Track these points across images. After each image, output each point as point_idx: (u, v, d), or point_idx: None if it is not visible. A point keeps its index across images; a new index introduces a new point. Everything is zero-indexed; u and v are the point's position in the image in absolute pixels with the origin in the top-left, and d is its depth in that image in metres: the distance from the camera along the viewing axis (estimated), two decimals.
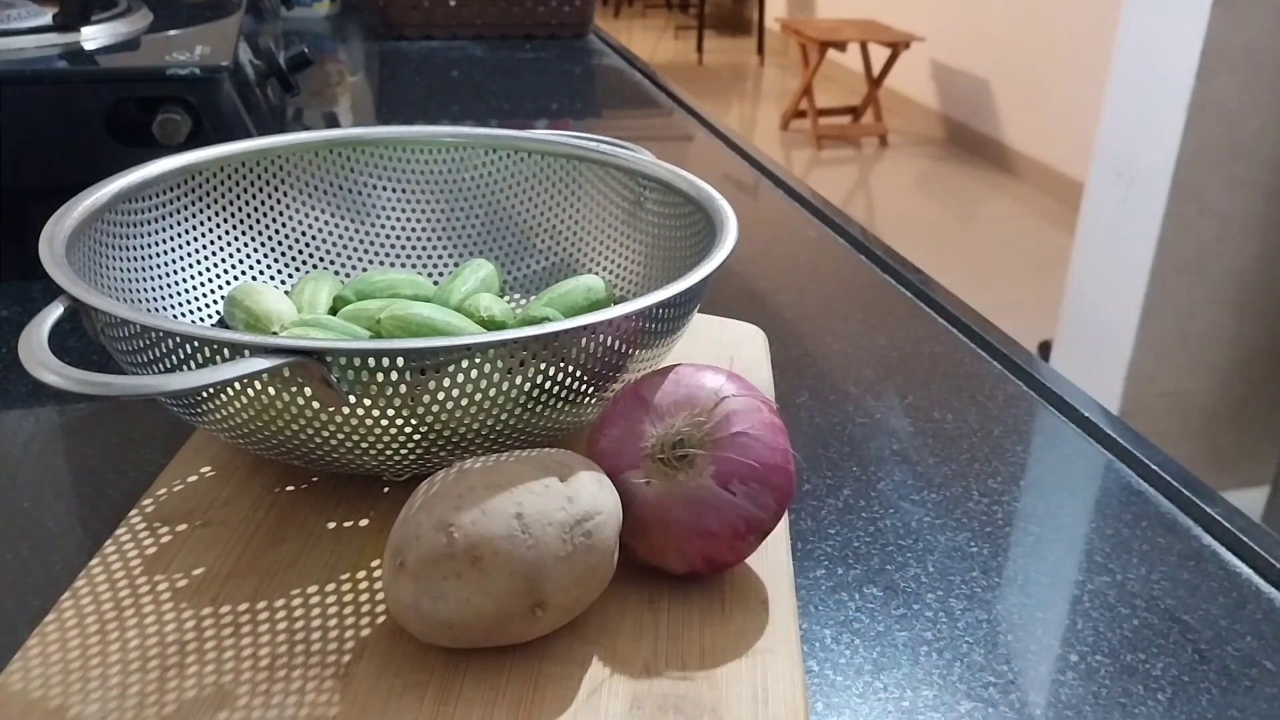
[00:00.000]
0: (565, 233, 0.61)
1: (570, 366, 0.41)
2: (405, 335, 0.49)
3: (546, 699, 0.35)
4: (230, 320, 0.53)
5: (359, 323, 0.51)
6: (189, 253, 0.56)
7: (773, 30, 6.03)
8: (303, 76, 1.19)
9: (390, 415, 0.39)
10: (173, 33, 0.78)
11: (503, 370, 0.39)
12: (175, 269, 0.55)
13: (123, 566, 0.40)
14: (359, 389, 0.38)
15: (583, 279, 0.55)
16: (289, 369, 0.38)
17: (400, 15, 1.41)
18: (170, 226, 0.55)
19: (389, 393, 0.39)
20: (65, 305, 0.41)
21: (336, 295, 0.55)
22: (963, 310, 0.70)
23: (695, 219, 0.54)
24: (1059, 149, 3.91)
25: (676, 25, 6.83)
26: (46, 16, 0.76)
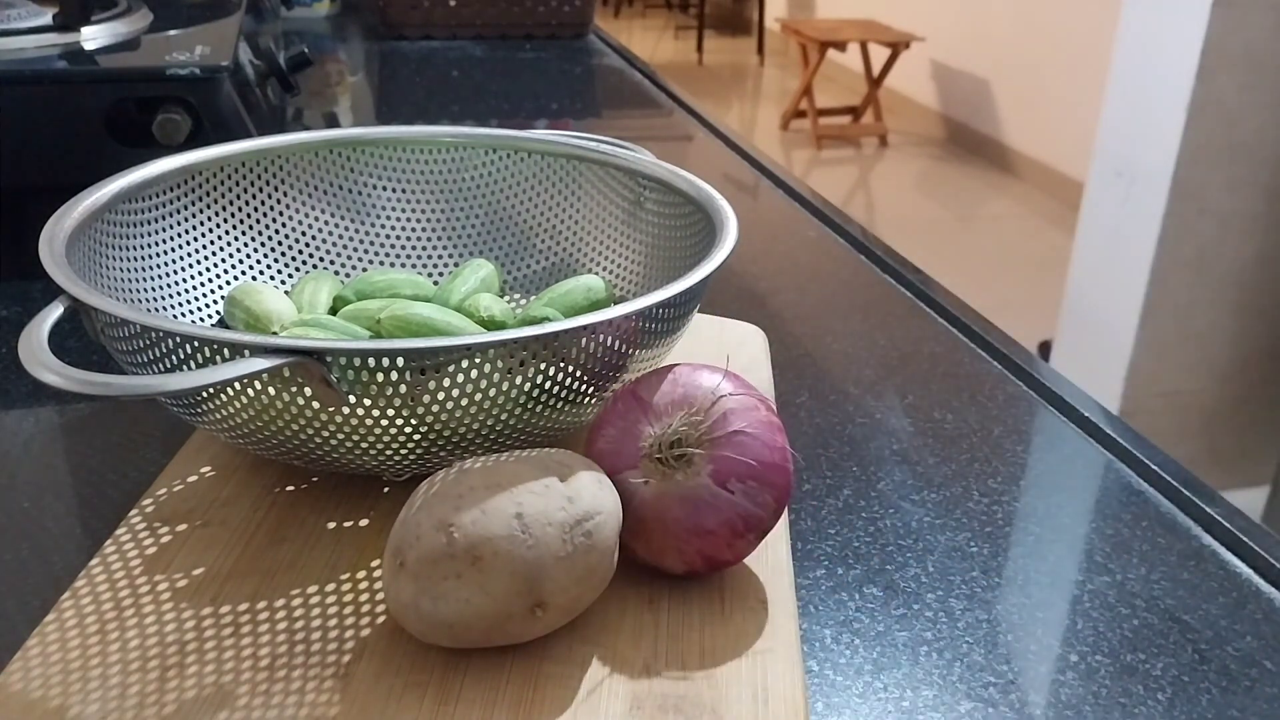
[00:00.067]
0: (565, 233, 0.61)
1: (570, 366, 0.41)
2: (405, 335, 0.49)
3: (546, 699, 0.35)
4: (230, 320, 0.53)
5: (359, 323, 0.51)
6: (189, 253, 0.56)
7: (773, 30, 6.03)
8: (303, 76, 1.19)
9: (390, 415, 0.39)
10: (173, 33, 0.78)
11: (503, 370, 0.39)
12: (175, 269, 0.55)
13: (123, 566, 0.40)
14: (359, 389, 0.38)
15: (583, 279, 0.55)
16: (289, 369, 0.38)
17: (400, 15, 1.41)
18: (170, 226, 0.55)
19: (389, 393, 0.39)
20: (65, 305, 0.41)
21: (336, 295, 0.55)
22: (963, 310, 0.70)
23: (695, 219, 0.54)
24: (1059, 149, 3.92)
25: (676, 25, 6.83)
26: (46, 16, 0.76)
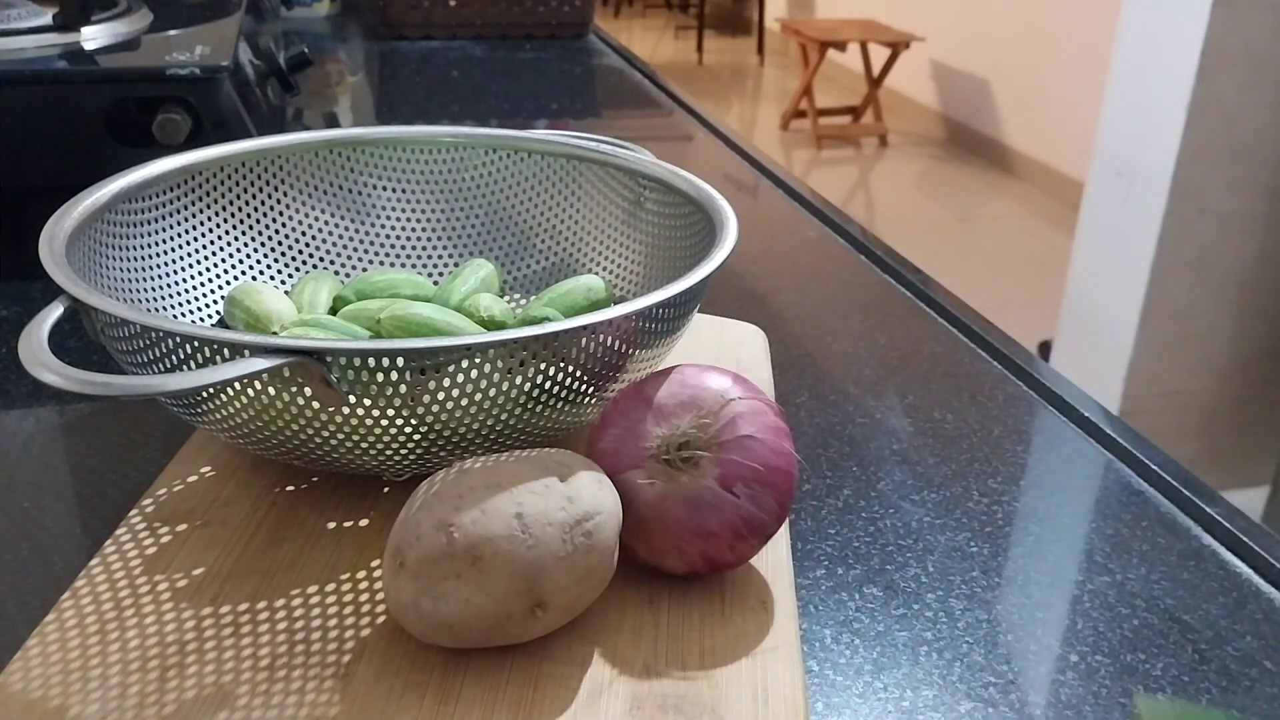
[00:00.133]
0: (565, 233, 0.61)
1: (570, 366, 0.41)
2: (405, 335, 0.49)
3: (546, 699, 0.35)
4: (230, 320, 0.53)
5: (359, 323, 0.51)
6: (189, 253, 0.56)
7: (773, 30, 6.03)
8: (303, 76, 1.19)
9: (390, 415, 0.39)
10: (173, 33, 0.78)
11: (503, 370, 0.39)
12: (175, 269, 0.55)
13: (123, 566, 0.40)
14: (359, 389, 0.38)
15: (583, 279, 0.55)
16: (289, 369, 0.38)
17: (400, 15, 1.41)
18: (170, 226, 0.55)
19: (389, 393, 0.39)
20: (65, 305, 0.41)
21: (336, 295, 0.55)
22: (963, 310, 0.70)
23: (695, 219, 0.54)
24: (1059, 149, 3.91)
25: (676, 25, 6.83)
26: (46, 16, 0.76)
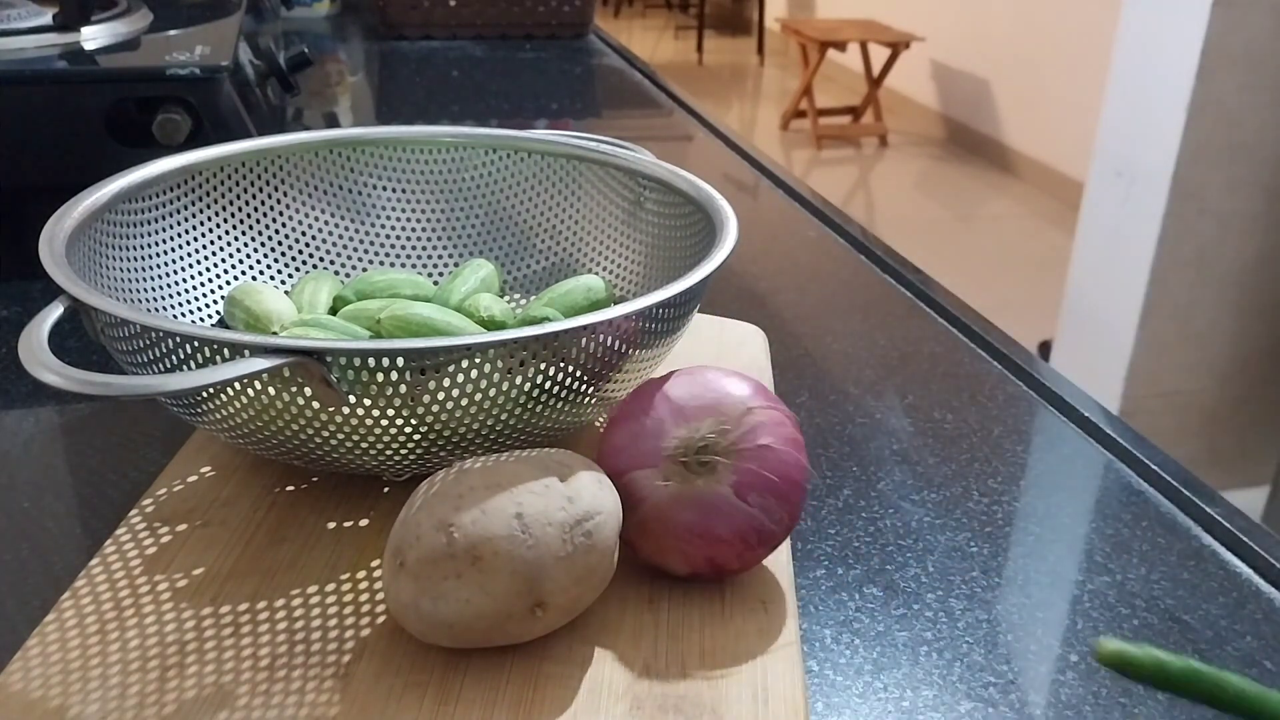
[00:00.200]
0: (565, 233, 0.61)
1: (570, 366, 0.41)
2: (405, 335, 0.49)
3: (546, 699, 0.35)
4: (230, 320, 0.53)
5: (359, 323, 0.51)
6: (189, 253, 0.56)
7: (773, 30, 6.03)
8: (303, 76, 1.19)
9: (390, 415, 0.39)
10: (173, 33, 0.78)
11: (503, 370, 0.39)
12: (175, 269, 0.55)
13: (123, 566, 0.40)
14: (359, 389, 0.38)
15: (583, 279, 0.55)
16: (289, 369, 0.38)
17: (400, 15, 1.41)
18: (170, 226, 0.55)
19: (389, 393, 0.39)
20: (65, 305, 0.41)
21: (336, 295, 0.55)
22: (963, 310, 0.70)
23: (695, 219, 0.54)
24: (1059, 149, 3.91)
25: (676, 25, 6.83)
26: (46, 16, 0.76)
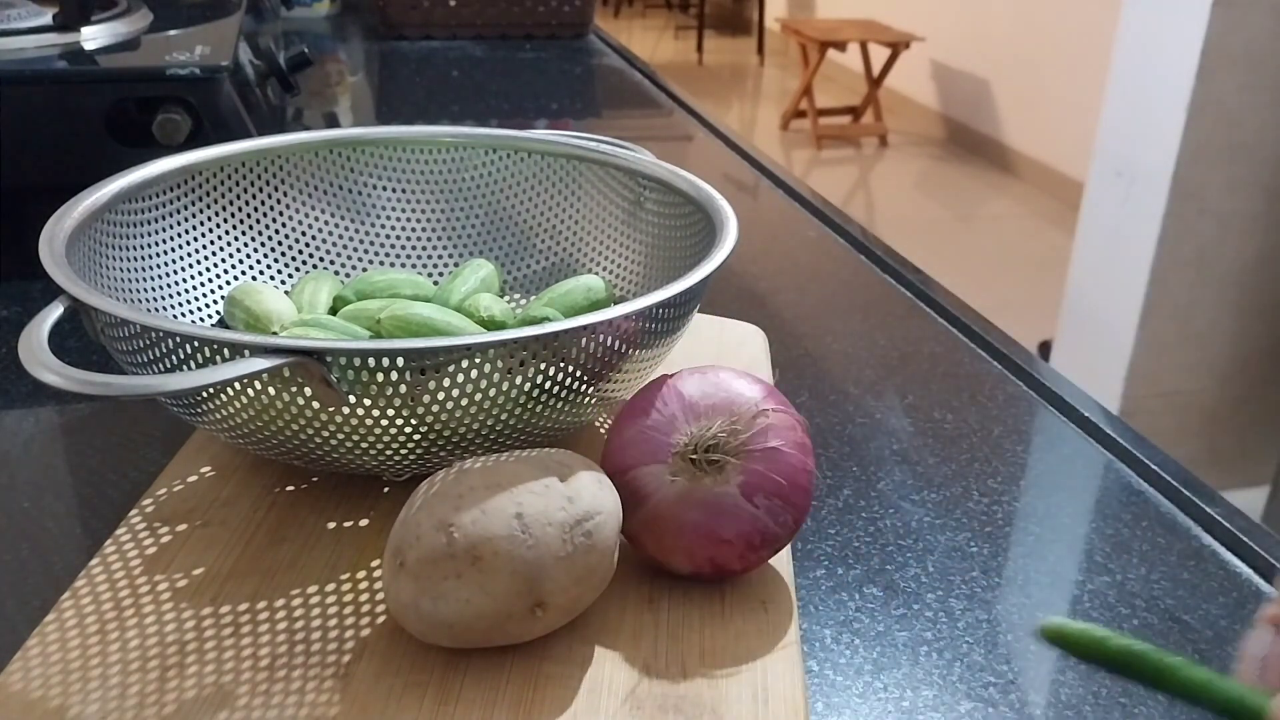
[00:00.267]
0: (565, 233, 0.61)
1: (570, 366, 0.41)
2: (405, 335, 0.49)
3: (546, 699, 0.35)
4: (230, 320, 0.53)
5: (359, 323, 0.51)
6: (189, 253, 0.56)
7: (773, 30, 6.03)
8: (303, 76, 1.19)
9: (390, 415, 0.39)
10: (173, 33, 0.78)
11: (503, 370, 0.39)
12: (175, 269, 0.55)
13: (123, 566, 0.40)
14: (359, 389, 0.38)
15: (583, 279, 0.55)
16: (289, 369, 0.38)
17: (400, 15, 1.41)
18: (170, 226, 0.55)
19: (389, 393, 0.39)
20: (65, 305, 0.41)
21: (336, 295, 0.55)
22: (963, 310, 0.70)
23: (695, 219, 0.54)
24: (1059, 149, 3.91)
25: (676, 25, 6.83)
26: (46, 16, 0.76)
